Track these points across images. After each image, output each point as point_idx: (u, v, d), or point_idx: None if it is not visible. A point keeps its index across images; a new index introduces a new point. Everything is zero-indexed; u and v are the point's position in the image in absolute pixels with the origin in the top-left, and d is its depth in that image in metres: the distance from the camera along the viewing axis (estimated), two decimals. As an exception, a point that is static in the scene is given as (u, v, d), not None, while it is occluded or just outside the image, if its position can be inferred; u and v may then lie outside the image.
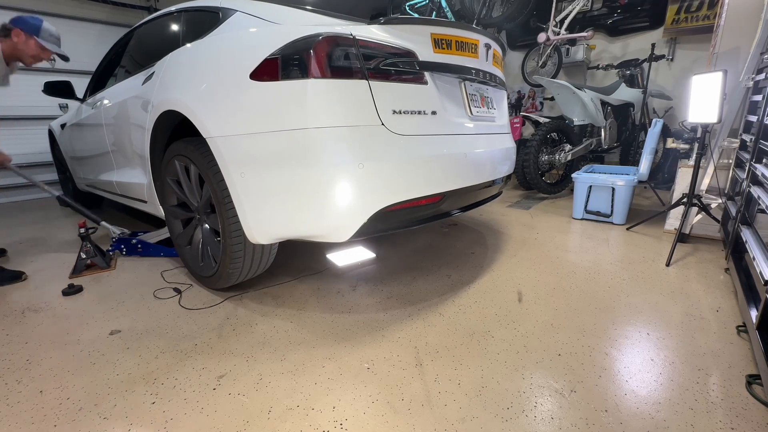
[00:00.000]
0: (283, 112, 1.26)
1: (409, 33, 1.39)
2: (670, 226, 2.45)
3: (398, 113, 1.33)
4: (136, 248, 2.18)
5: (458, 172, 1.50)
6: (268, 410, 1.03)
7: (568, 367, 1.18)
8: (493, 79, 1.80)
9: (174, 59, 1.72)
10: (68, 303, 1.66)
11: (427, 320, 1.46)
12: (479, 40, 1.66)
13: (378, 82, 1.30)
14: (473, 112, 1.65)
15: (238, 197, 1.40)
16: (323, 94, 1.23)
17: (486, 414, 1.00)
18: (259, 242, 1.44)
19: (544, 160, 3.47)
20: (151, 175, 1.91)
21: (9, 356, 1.29)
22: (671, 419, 0.98)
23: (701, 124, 2.03)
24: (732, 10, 2.18)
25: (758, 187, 1.61)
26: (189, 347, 1.32)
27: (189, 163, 1.62)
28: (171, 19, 2.01)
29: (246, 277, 1.67)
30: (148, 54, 2.05)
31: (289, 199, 1.31)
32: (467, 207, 1.71)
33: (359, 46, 1.27)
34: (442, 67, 1.47)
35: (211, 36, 1.59)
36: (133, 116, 1.96)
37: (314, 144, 1.23)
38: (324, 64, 1.23)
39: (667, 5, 4.06)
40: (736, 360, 1.21)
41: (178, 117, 1.61)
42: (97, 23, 4.69)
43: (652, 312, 1.50)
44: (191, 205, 1.76)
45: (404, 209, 1.37)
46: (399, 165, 1.31)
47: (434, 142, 1.42)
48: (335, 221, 1.29)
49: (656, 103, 4.27)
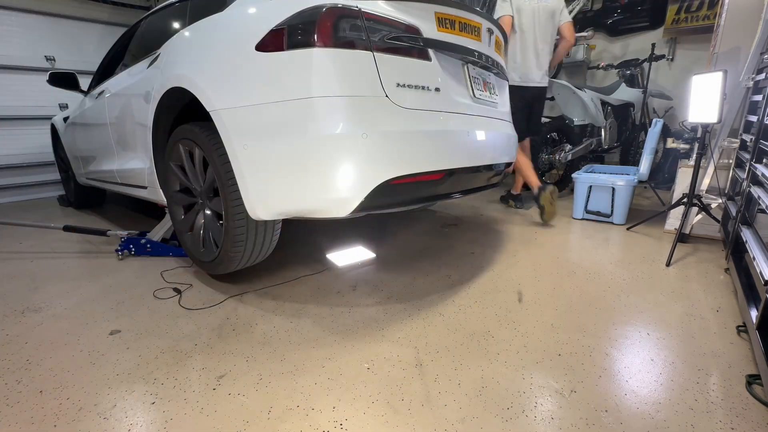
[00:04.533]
0: (287, 83, 1.27)
1: (414, 9, 1.41)
2: (670, 226, 2.45)
3: (402, 87, 1.34)
4: (145, 248, 2.19)
5: (460, 151, 1.52)
6: (268, 410, 1.03)
7: (568, 367, 1.18)
8: (495, 66, 1.81)
9: (179, 38, 1.74)
10: (68, 303, 1.66)
11: (427, 320, 1.46)
12: (482, 24, 1.67)
13: (383, 54, 1.31)
14: (476, 95, 1.66)
15: (240, 170, 1.40)
16: (328, 64, 1.23)
17: (486, 414, 1.00)
18: (261, 218, 1.44)
19: (544, 160, 3.47)
20: (153, 159, 1.92)
21: (9, 356, 1.29)
22: (671, 419, 0.98)
23: (701, 124, 2.03)
24: (732, 10, 2.18)
25: (758, 187, 1.61)
26: (189, 347, 1.32)
27: (193, 146, 1.63)
28: (177, 8, 2.03)
29: (247, 263, 1.68)
30: (154, 43, 2.07)
31: (292, 171, 1.31)
32: (467, 191, 1.73)
33: (365, 19, 1.29)
34: (445, 46, 1.48)
35: (216, 15, 1.60)
36: (137, 99, 1.98)
37: (317, 113, 1.24)
38: (329, 34, 1.24)
39: (667, 5, 4.06)
40: (736, 360, 1.21)
41: (181, 100, 1.62)
42: (98, 23, 4.68)
43: (652, 312, 1.50)
44: (194, 190, 1.78)
45: (407, 184, 1.38)
46: (402, 137, 1.32)
47: (437, 117, 1.43)
48: (337, 193, 1.28)
49: (656, 103, 4.27)
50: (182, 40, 1.72)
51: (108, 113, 2.34)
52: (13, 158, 4.24)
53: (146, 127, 1.88)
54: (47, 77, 2.73)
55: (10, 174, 4.25)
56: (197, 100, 1.51)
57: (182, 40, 1.72)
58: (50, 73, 2.72)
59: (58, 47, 4.40)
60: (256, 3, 1.44)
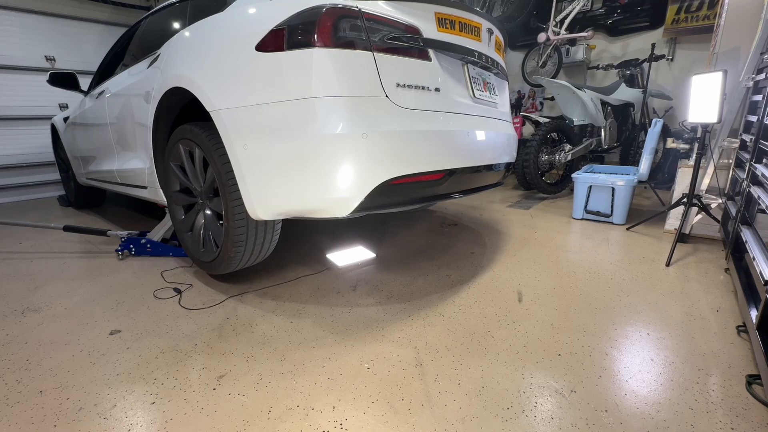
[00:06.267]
0: (287, 83, 1.27)
1: (414, 9, 1.41)
2: (670, 226, 2.45)
3: (402, 87, 1.35)
4: (145, 248, 2.19)
5: (460, 151, 1.52)
6: (268, 410, 1.03)
7: (568, 367, 1.18)
8: (495, 66, 1.81)
9: (179, 39, 1.74)
10: (68, 303, 1.66)
11: (427, 320, 1.46)
12: (482, 24, 1.68)
13: (383, 54, 1.31)
14: (476, 95, 1.67)
15: (241, 170, 1.40)
16: (328, 64, 1.24)
17: (486, 414, 1.00)
18: (261, 218, 1.44)
19: (544, 160, 3.47)
20: (153, 159, 1.93)
21: (9, 356, 1.29)
22: (671, 419, 0.98)
23: (701, 124, 2.03)
24: (732, 10, 2.18)
25: (758, 187, 1.61)
26: (189, 347, 1.32)
27: (194, 146, 1.64)
28: (177, 8, 2.04)
29: (247, 263, 1.68)
30: (154, 43, 2.07)
31: (292, 170, 1.31)
32: (467, 191, 1.73)
33: (364, 19, 1.29)
34: (445, 46, 1.49)
35: (216, 15, 1.61)
36: (137, 99, 1.98)
37: (318, 113, 1.24)
38: (329, 34, 1.24)
39: (667, 5, 4.06)
40: (736, 360, 1.21)
41: (182, 100, 1.61)
42: (98, 23, 4.69)
43: (652, 312, 1.50)
44: (194, 190, 1.78)
45: (407, 184, 1.38)
46: (402, 137, 1.32)
47: (437, 118, 1.44)
48: (337, 193, 1.29)
49: (656, 103, 4.27)
50: (182, 40, 1.72)
51: (108, 113, 2.35)
52: (13, 158, 4.25)
53: (146, 127, 1.89)
54: (47, 77, 2.74)
55: (10, 174, 4.25)
56: (197, 100, 1.51)
57: (182, 40, 1.72)
58: (50, 73, 2.73)
59: (58, 47, 4.40)
60: (256, 3, 1.44)
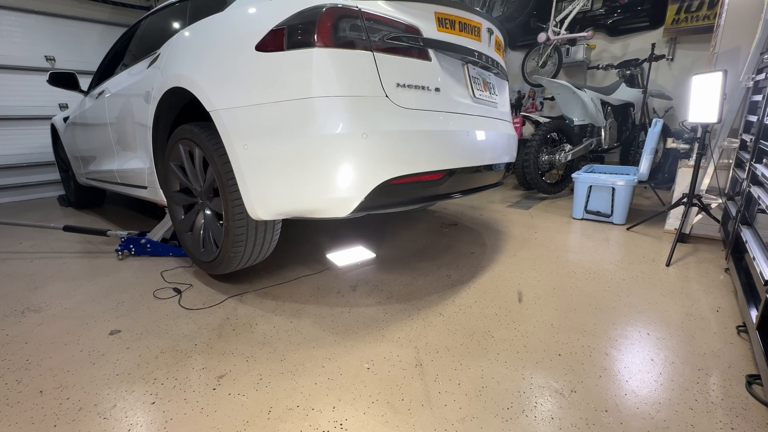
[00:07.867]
0: (287, 82, 1.27)
1: (414, 9, 1.41)
2: (670, 226, 2.45)
3: (402, 87, 1.35)
4: (145, 248, 2.19)
5: (460, 151, 1.52)
6: (268, 410, 1.03)
7: (568, 367, 1.18)
8: (495, 66, 1.81)
9: (179, 38, 1.74)
10: (68, 303, 1.66)
11: (427, 320, 1.46)
12: (482, 24, 1.68)
13: (382, 54, 1.32)
14: (476, 95, 1.67)
15: (241, 170, 1.40)
16: (328, 64, 1.24)
17: (486, 414, 1.00)
18: (261, 218, 1.44)
19: (544, 160, 3.47)
20: (153, 159, 1.93)
21: (9, 356, 1.29)
22: (671, 419, 0.98)
23: (701, 124, 2.03)
24: (732, 10, 2.18)
25: (758, 187, 1.61)
26: (189, 347, 1.32)
27: (194, 146, 1.64)
28: (177, 8, 2.04)
29: (247, 263, 1.68)
30: (154, 43, 2.06)
31: (292, 170, 1.31)
32: (467, 191, 1.74)
33: (364, 19, 1.29)
34: (445, 46, 1.49)
35: (216, 15, 1.60)
36: (137, 99, 1.98)
37: (318, 113, 1.24)
38: (329, 34, 1.24)
39: (667, 5, 4.06)
40: (736, 360, 1.21)
41: (182, 100, 1.61)
42: (98, 23, 4.69)
43: (652, 312, 1.50)
44: (194, 190, 1.78)
45: (407, 184, 1.39)
46: (402, 137, 1.32)
47: (437, 118, 1.44)
48: (337, 193, 1.29)
49: (656, 103, 4.27)
50: (182, 40, 1.72)
51: (108, 113, 2.35)
52: (13, 158, 4.25)
53: (146, 127, 1.89)
54: (47, 77, 2.74)
55: (10, 174, 4.25)
56: (197, 100, 1.51)
57: (182, 40, 1.72)
58: (50, 73, 2.73)
59: (58, 47, 4.40)
60: (256, 3, 1.44)
